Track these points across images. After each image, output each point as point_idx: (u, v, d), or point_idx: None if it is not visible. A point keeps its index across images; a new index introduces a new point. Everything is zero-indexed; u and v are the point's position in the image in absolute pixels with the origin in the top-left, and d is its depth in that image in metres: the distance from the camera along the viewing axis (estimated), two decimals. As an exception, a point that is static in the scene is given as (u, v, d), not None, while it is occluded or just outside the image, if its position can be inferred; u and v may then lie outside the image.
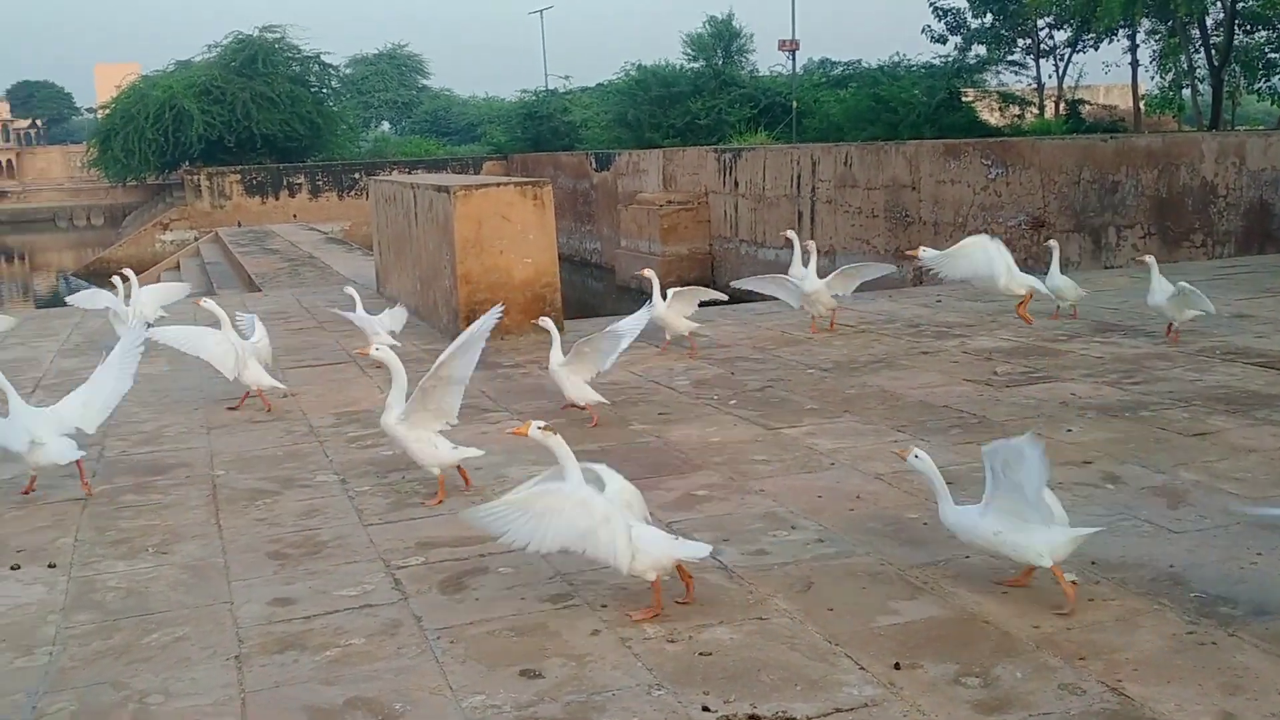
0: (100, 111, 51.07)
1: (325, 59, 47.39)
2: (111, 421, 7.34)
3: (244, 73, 42.26)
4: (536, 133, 43.23)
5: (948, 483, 4.24)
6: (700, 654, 3.68)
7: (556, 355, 7.04)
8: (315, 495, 5.66)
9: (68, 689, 3.62)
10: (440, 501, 5.41)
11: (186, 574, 4.61)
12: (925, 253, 8.81)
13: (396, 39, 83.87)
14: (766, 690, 3.42)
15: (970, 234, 17.40)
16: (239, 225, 32.52)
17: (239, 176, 38.43)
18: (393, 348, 6.21)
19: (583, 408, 6.89)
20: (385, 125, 70.62)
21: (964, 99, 30.32)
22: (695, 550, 4.02)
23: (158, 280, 24.62)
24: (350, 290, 9.77)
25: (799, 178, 22.25)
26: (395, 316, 9.53)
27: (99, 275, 34.94)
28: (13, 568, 4.74)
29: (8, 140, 78.41)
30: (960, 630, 3.80)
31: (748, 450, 6.08)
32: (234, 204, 37.87)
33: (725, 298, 9.58)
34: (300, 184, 38.92)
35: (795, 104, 33.85)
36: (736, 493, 5.36)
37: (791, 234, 10.39)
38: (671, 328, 8.84)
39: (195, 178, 38.41)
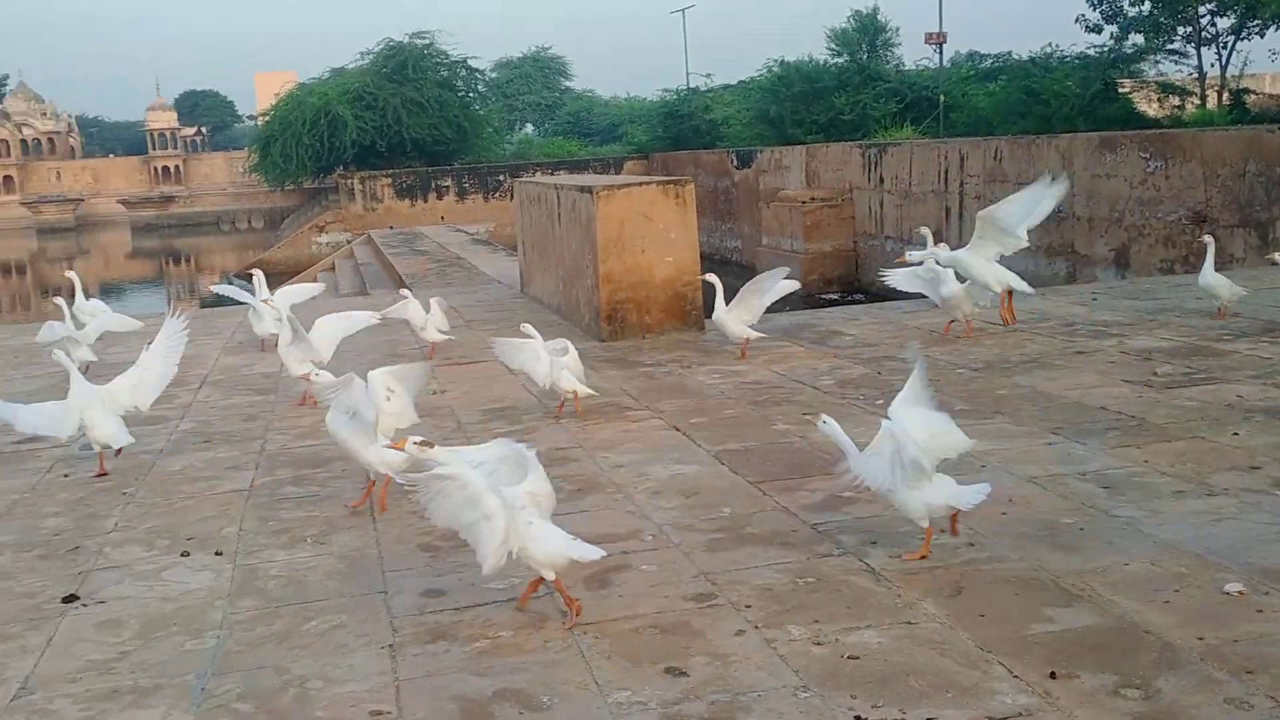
0: (260, 119, 53.27)
1: (472, 63, 48.50)
2: (274, 416, 7.68)
3: (395, 79, 43.52)
4: (677, 131, 43.32)
5: (1105, 487, 4.09)
6: (847, 657, 3.63)
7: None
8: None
9: (234, 672, 3.78)
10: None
11: (343, 564, 4.77)
12: (912, 255, 8.36)
13: (540, 42, 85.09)
14: (916, 696, 3.35)
15: (1126, 229, 16.78)
16: (390, 228, 33.47)
17: (390, 180, 39.56)
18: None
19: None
20: (529, 127, 71.78)
21: (1120, 90, 29.18)
22: (589, 552, 4.01)
23: (315, 280, 25.56)
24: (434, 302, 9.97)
25: (946, 173, 21.77)
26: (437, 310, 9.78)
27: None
28: (183, 554, 4.99)
29: (175, 148, 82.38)
30: (1119, 640, 3.66)
31: (894, 451, 5.96)
32: (385, 207, 38.99)
33: (796, 285, 9.33)
34: (448, 186, 39.84)
35: (943, 98, 33.11)
36: (883, 494, 5.27)
37: (925, 230, 10.13)
38: (730, 333, 8.83)
39: (349, 181, 39.69)
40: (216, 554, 4.97)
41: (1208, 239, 9.41)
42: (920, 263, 9.07)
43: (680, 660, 3.68)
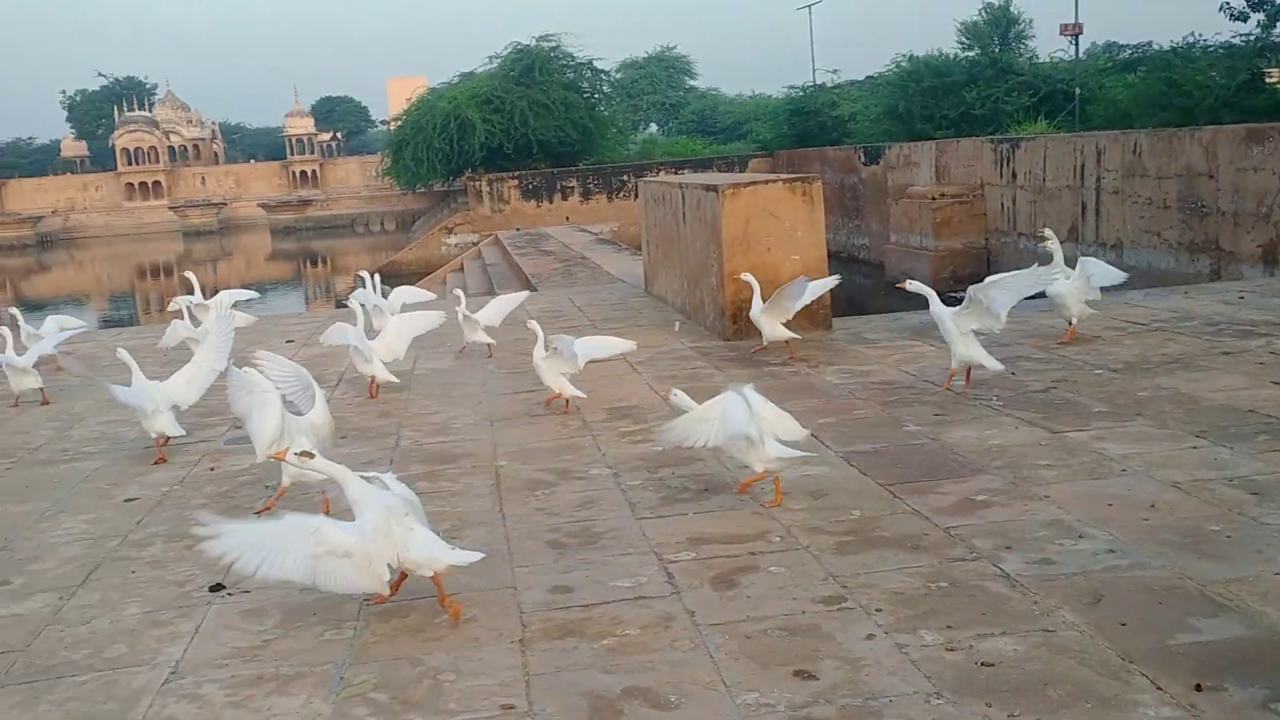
0: (392, 123, 54.57)
1: (597, 64, 48.90)
2: (406, 414, 7.86)
3: (522, 81, 44.15)
4: (803, 128, 42.98)
5: (1253, 493, 3.92)
6: (982, 664, 3.55)
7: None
8: (590, 487, 5.83)
9: (370, 662, 3.88)
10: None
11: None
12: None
13: (665, 41, 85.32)
14: (1054, 706, 3.26)
15: (1275, 225, 16.00)
16: (517, 230, 33.98)
17: (516, 181, 40.16)
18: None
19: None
20: (653, 127, 72.06)
21: (1268, 80, 27.88)
22: (466, 557, 4.16)
23: (444, 282, 26.08)
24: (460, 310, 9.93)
25: (1082, 168, 21.11)
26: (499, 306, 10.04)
27: (392, 277, 37.38)
28: (321, 547, 5.13)
29: (312, 152, 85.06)
30: (1270, 652, 3.50)
31: (1030, 454, 5.81)
32: (511, 208, 39.61)
33: (836, 280, 9.43)
34: (572, 187, 40.26)
35: (1078, 90, 32.12)
36: (1019, 499, 5.14)
37: (1048, 232, 9.80)
38: (766, 333, 8.91)
39: (477, 184, 40.44)
40: (353, 547, 5.10)
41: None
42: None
43: (809, 663, 3.64)
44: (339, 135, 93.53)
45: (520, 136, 43.22)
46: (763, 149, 43.85)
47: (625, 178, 39.69)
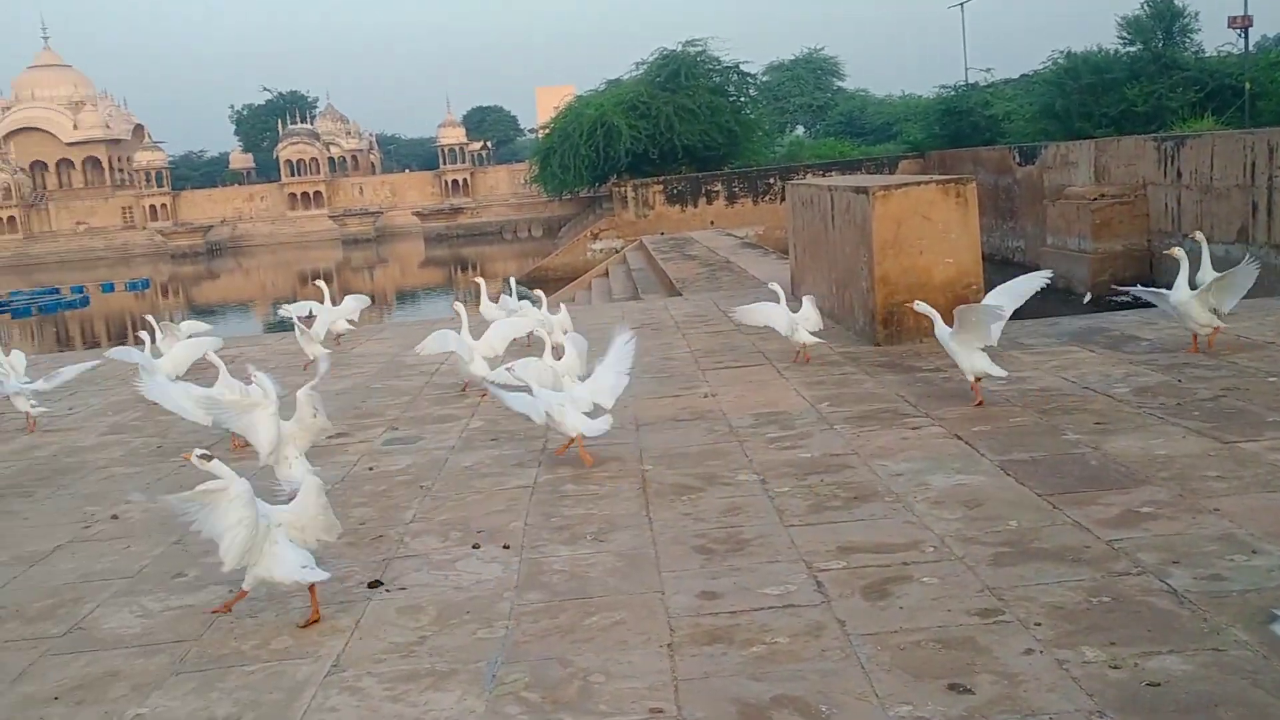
0: (540, 131, 55.53)
1: (744, 68, 48.82)
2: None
3: (668, 87, 44.37)
4: (955, 129, 42.08)
5: None
6: (1147, 684, 3.40)
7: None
8: (737, 493, 5.81)
9: (521, 661, 3.95)
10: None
11: (622, 562, 4.88)
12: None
13: (813, 43, 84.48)
14: (1228, 731, 3.10)
15: None
16: (662, 234, 34.14)
17: (661, 187, 40.36)
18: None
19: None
20: (799, 129, 71.53)
21: None
22: (316, 575, 4.38)
23: (589, 287, 26.37)
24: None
25: (1253, 166, 20.07)
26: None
27: (538, 282, 38.05)
28: (474, 546, 5.25)
29: (463, 161, 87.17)
30: None
31: (1199, 465, 5.55)
32: (656, 213, 39.82)
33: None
34: (717, 191, 40.25)
35: (1248, 85, 30.60)
36: (1186, 511, 4.91)
37: (1199, 235, 9.30)
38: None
39: (622, 189, 40.78)
40: (504, 547, 5.20)
41: None
42: None
43: (965, 677, 3.55)
44: (489, 144, 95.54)
45: (666, 141, 43.43)
46: (913, 150, 43.09)
47: (771, 181, 39.50)
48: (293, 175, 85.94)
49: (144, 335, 10.32)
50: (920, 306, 7.61)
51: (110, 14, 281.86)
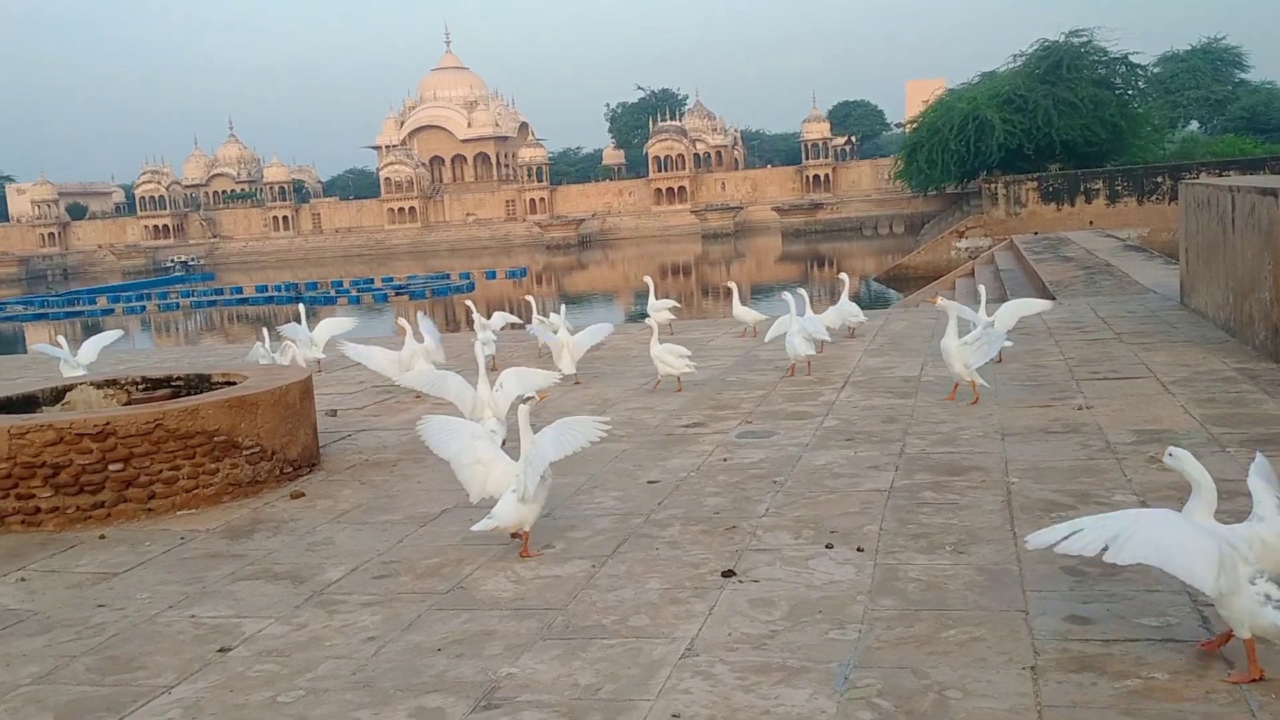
0: (908, 126, 54.43)
1: (1132, 59, 45.62)
2: (912, 420, 7.78)
3: (1047, 80, 42.26)
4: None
5: None
6: None
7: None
8: (1112, 514, 5.41)
9: (873, 668, 3.87)
10: None
11: (982, 576, 4.68)
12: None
13: (1213, 31, 77.45)
14: None
15: None
16: (1035, 234, 32.53)
17: (1035, 184, 38.49)
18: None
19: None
20: (1193, 124, 65.97)
21: None
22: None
23: (953, 287, 25.57)
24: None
25: None
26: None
27: (896, 281, 37.34)
28: (827, 546, 5.21)
29: (826, 157, 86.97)
30: None
31: None
32: (1028, 211, 38.01)
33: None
34: (1097, 190, 37.87)
35: None
36: None
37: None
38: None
39: (992, 186, 39.24)
40: (858, 550, 5.13)
41: None
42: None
43: (1384, 745, 3.13)
44: (853, 139, 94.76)
45: (1042, 136, 41.41)
46: (1330, 148, 38.62)
47: (1159, 180, 36.70)
48: (660, 171, 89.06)
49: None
50: (944, 304, 7.01)
51: (502, 19, 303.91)
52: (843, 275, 13.35)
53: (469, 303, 13.92)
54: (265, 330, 12.38)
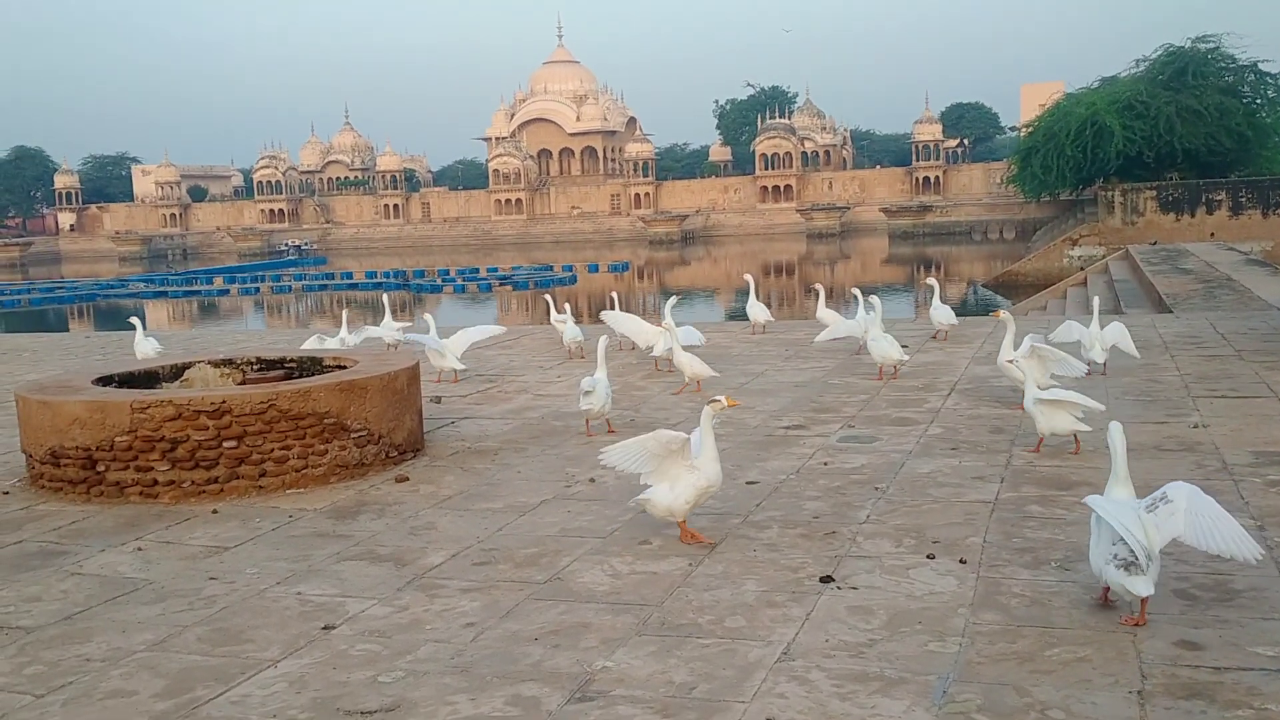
0: (1023, 130, 53.32)
1: (1262, 67, 43.96)
2: (1019, 431, 7.61)
3: (1170, 86, 41.00)
4: None
5: None
6: None
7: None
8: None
9: (974, 682, 3.80)
10: None
11: (1088, 595, 4.56)
12: None
13: (1349, 38, 74.11)
14: None
15: None
16: (1153, 244, 31.58)
17: (1154, 193, 37.37)
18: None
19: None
20: (1326, 135, 63.19)
21: None
22: None
23: (1064, 295, 24.95)
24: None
25: None
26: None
27: (1006, 288, 36.57)
28: (928, 556, 5.14)
29: (937, 159, 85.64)
30: None
31: None
32: (1146, 220, 36.93)
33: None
34: (1220, 201, 36.64)
35: None
36: None
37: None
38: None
39: (1109, 193, 38.22)
40: (960, 561, 5.04)
41: None
42: None
43: None
44: (965, 141, 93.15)
45: (1164, 144, 40.19)
46: None
47: (1287, 192, 35.33)
48: (767, 168, 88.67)
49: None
50: (1005, 315, 7.04)
51: (615, 12, 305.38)
52: (931, 281, 13.53)
53: (548, 297, 14.27)
54: (345, 315, 12.95)
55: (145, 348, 11.57)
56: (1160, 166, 41.02)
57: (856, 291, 11.04)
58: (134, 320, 12.33)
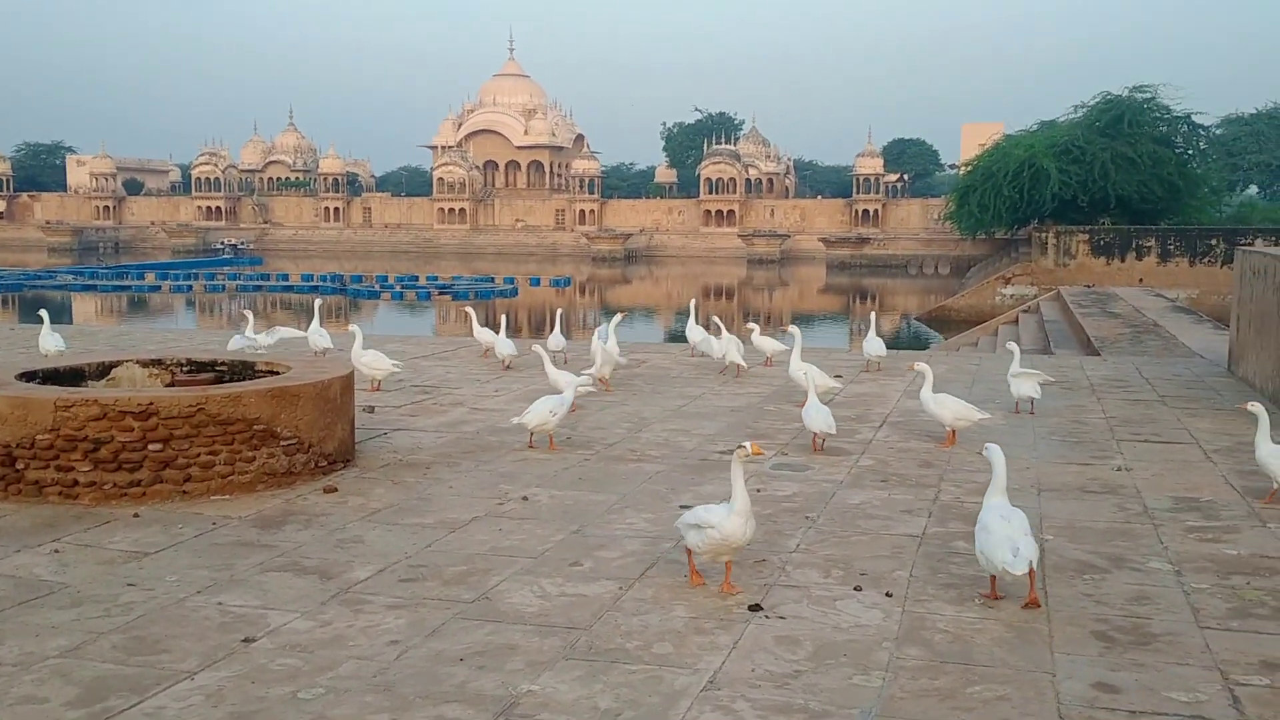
0: (962, 168, 54.26)
1: (1195, 119, 45.23)
2: (949, 466, 7.70)
3: (1107, 133, 41.98)
4: None
5: None
6: None
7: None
8: (1145, 581, 5.35)
9: (895, 718, 3.83)
10: None
11: (1011, 633, 4.63)
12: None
13: None
14: None
15: None
16: (1088, 286, 32.23)
17: (1087, 236, 38.20)
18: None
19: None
20: (1252, 189, 65.24)
21: None
22: None
23: (995, 333, 25.37)
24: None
25: None
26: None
27: (938, 322, 37.11)
28: (855, 588, 5.18)
29: (877, 192, 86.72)
30: None
31: None
32: (1078, 263, 37.72)
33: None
34: (1149, 247, 37.53)
35: None
36: None
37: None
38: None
39: (1043, 235, 38.98)
40: (887, 595, 5.09)
41: None
42: None
43: None
44: (905, 177, 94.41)
45: (1098, 189, 41.13)
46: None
47: (1212, 242, 36.36)
48: (711, 193, 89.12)
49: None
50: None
51: (567, 30, 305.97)
52: (873, 313, 14.27)
53: (469, 309, 14.51)
54: (249, 315, 13.07)
55: (48, 343, 11.18)
56: (1094, 210, 41.94)
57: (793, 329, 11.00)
58: (43, 313, 11.96)
